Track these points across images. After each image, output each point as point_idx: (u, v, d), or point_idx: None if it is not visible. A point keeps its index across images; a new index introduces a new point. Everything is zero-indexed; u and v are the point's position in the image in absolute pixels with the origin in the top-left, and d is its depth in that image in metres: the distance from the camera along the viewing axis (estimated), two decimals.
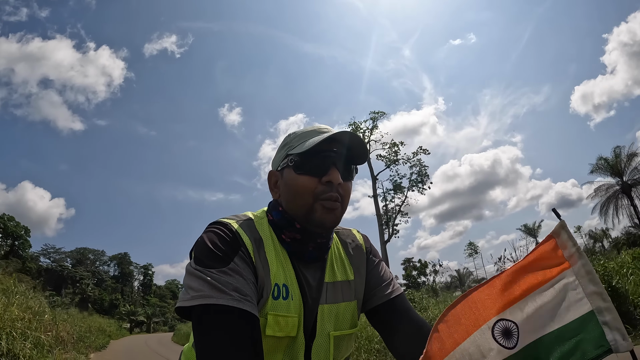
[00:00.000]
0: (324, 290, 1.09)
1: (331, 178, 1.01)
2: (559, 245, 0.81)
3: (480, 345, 0.84)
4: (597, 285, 0.77)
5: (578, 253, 0.79)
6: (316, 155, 1.03)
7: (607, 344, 0.74)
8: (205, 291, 0.88)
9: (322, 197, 1.02)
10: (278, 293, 0.99)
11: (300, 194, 1.03)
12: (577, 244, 0.79)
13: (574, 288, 0.78)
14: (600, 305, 0.75)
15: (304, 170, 1.03)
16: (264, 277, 0.98)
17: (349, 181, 1.09)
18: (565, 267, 0.79)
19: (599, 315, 0.75)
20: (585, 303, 0.76)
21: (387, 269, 1.24)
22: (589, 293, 0.76)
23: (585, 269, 0.77)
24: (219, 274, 0.90)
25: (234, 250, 0.95)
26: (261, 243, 1.01)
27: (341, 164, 1.05)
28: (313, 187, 1.02)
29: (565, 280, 0.79)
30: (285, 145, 1.10)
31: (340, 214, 1.06)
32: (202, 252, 0.95)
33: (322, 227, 1.03)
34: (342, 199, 1.05)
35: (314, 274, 1.09)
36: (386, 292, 1.17)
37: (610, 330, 0.74)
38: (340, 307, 1.11)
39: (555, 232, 0.82)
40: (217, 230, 0.98)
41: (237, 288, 0.89)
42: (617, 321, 0.74)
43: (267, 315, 0.97)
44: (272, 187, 1.12)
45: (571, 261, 0.79)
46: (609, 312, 0.75)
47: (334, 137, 1.03)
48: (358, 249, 1.22)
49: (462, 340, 0.84)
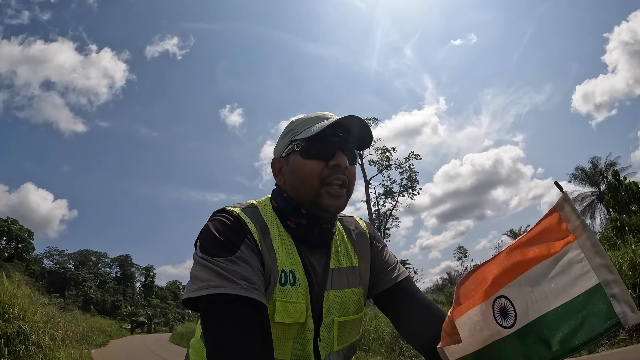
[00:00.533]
0: (329, 276, 1.08)
1: (338, 162, 1.02)
2: (562, 218, 0.78)
3: (482, 319, 0.84)
4: (604, 257, 0.74)
5: (582, 225, 0.76)
6: (322, 140, 1.02)
7: (615, 317, 0.71)
8: (213, 281, 0.87)
9: (329, 181, 1.01)
10: (285, 279, 0.98)
11: (307, 178, 1.02)
12: (582, 217, 0.77)
13: (579, 261, 0.75)
14: (607, 278, 0.72)
15: (311, 154, 1.03)
16: (271, 264, 0.97)
17: (354, 165, 1.08)
18: (570, 240, 0.77)
19: (606, 288, 0.72)
20: (591, 276, 0.73)
21: (391, 254, 1.24)
22: (595, 266, 0.74)
23: (591, 241, 0.75)
24: (226, 262, 0.89)
25: (240, 238, 0.94)
26: (266, 230, 1.01)
27: (347, 148, 1.05)
28: (320, 170, 1.02)
29: (570, 254, 0.76)
30: (289, 132, 1.10)
31: (345, 200, 1.05)
32: (208, 240, 0.94)
33: (328, 211, 1.03)
34: (349, 183, 1.05)
35: (320, 260, 1.08)
36: (392, 276, 1.17)
37: (619, 302, 0.71)
38: (346, 293, 1.10)
39: (559, 205, 0.79)
40: (222, 219, 0.97)
41: (244, 277, 0.88)
42: (625, 293, 0.71)
43: (276, 302, 0.96)
44: (277, 173, 1.11)
45: (576, 234, 0.76)
46: (616, 284, 0.72)
47: (340, 122, 1.03)
48: (361, 235, 1.21)
49: (469, 309, 0.85)
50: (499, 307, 0.81)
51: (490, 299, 0.83)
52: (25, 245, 54.52)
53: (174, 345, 19.76)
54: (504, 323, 0.81)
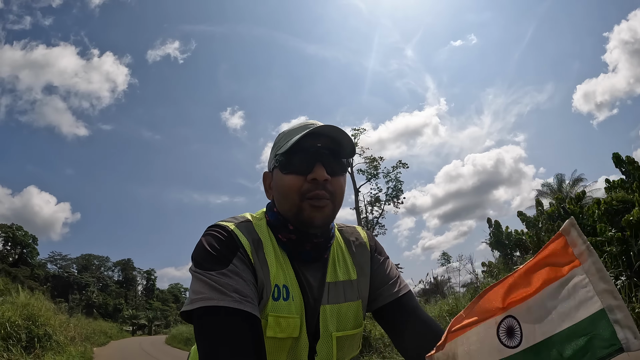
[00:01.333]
0: (325, 291, 1.05)
1: (316, 175, 0.98)
2: (568, 242, 0.77)
3: (482, 338, 0.83)
4: (608, 283, 0.73)
5: (588, 250, 0.75)
6: (300, 153, 0.99)
7: (618, 343, 0.70)
8: (206, 293, 0.86)
9: (309, 196, 0.98)
10: (278, 294, 0.97)
11: (287, 194, 1.00)
12: (587, 242, 0.76)
13: (584, 286, 0.74)
14: (611, 303, 0.72)
15: (289, 169, 1.00)
16: (264, 279, 0.95)
17: (339, 176, 1.03)
18: (576, 265, 0.76)
19: (610, 314, 0.71)
20: (595, 301, 0.73)
21: (393, 267, 1.20)
22: (599, 291, 0.73)
23: (596, 266, 0.74)
24: (218, 275, 0.88)
25: (232, 252, 0.93)
26: (260, 244, 0.99)
27: (328, 158, 1.00)
28: (299, 185, 0.99)
29: (576, 278, 0.76)
30: (275, 146, 1.07)
31: (331, 211, 1.01)
32: (201, 255, 0.93)
33: (312, 226, 1.00)
34: (333, 195, 1.01)
35: (315, 274, 1.06)
36: (392, 290, 1.13)
37: (622, 328, 0.70)
38: (342, 307, 1.07)
39: (565, 230, 0.78)
40: (215, 233, 0.96)
41: (237, 289, 0.87)
42: (628, 319, 0.70)
43: (268, 317, 0.95)
44: (267, 188, 1.10)
45: (581, 259, 0.75)
46: (620, 310, 0.71)
47: (317, 131, 0.99)
48: (362, 247, 1.17)
49: (468, 329, 0.85)
50: (507, 327, 0.81)
51: (497, 318, 0.83)
52: (30, 251, 55.88)
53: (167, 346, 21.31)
54: (509, 343, 0.80)
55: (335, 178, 1.01)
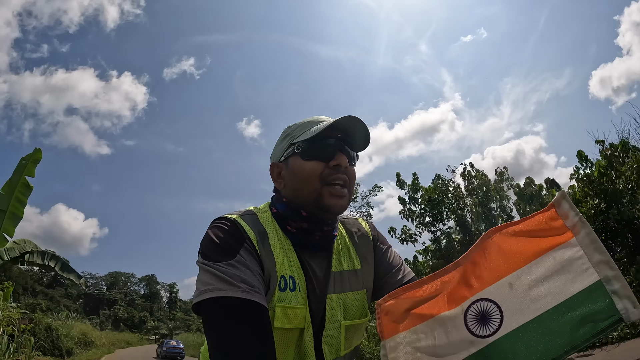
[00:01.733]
0: (331, 280, 1.06)
1: (339, 161, 1.02)
2: (559, 214, 0.76)
3: (448, 331, 0.75)
4: (603, 253, 0.71)
5: (581, 222, 0.73)
6: (322, 141, 1.02)
7: (617, 313, 0.68)
8: (214, 284, 0.87)
9: (329, 181, 1.01)
10: (285, 285, 0.97)
11: (309, 179, 1.01)
12: (580, 213, 0.74)
13: (578, 258, 0.72)
14: (608, 274, 0.70)
15: (311, 155, 1.03)
16: (270, 269, 0.96)
17: (353, 166, 1.08)
18: (568, 237, 0.74)
19: (607, 285, 0.70)
20: (592, 273, 0.71)
21: (396, 254, 1.20)
22: (595, 262, 0.71)
23: (590, 237, 0.72)
24: (226, 266, 0.89)
25: (239, 242, 0.94)
26: (265, 235, 1.00)
27: (346, 149, 1.04)
28: (320, 171, 1.01)
29: (569, 251, 0.73)
30: (287, 136, 1.09)
31: (347, 200, 1.04)
32: (207, 246, 0.94)
33: (331, 212, 1.02)
34: (350, 183, 1.04)
35: (321, 264, 1.07)
36: (397, 277, 1.14)
37: (620, 298, 0.69)
38: (348, 296, 1.08)
39: (556, 201, 0.76)
40: (221, 225, 0.97)
41: (244, 280, 0.87)
42: (626, 289, 0.69)
43: (275, 308, 0.95)
44: (276, 178, 1.10)
45: (574, 230, 0.74)
46: (617, 280, 0.70)
47: (338, 123, 1.02)
48: (364, 237, 1.18)
49: (429, 317, 0.76)
50: (477, 313, 0.74)
51: (464, 304, 0.76)
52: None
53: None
54: (482, 331, 0.73)
55: (351, 167, 1.07)
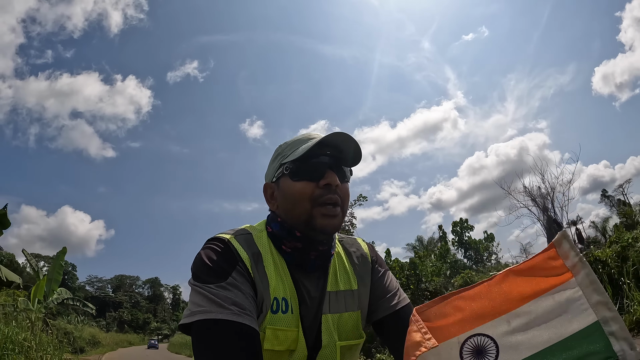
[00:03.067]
0: (326, 300, 1.02)
1: (329, 181, 0.97)
2: (559, 254, 0.74)
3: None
4: (602, 294, 0.70)
5: (581, 262, 0.72)
6: (311, 160, 0.98)
7: (614, 355, 0.67)
8: (205, 306, 0.84)
9: (321, 201, 0.96)
10: (277, 307, 0.94)
11: (299, 200, 0.98)
12: (580, 254, 0.73)
13: (577, 299, 0.71)
14: (606, 315, 0.69)
15: (300, 176, 0.98)
16: (263, 292, 0.93)
17: (345, 183, 1.03)
18: (568, 277, 0.73)
19: (605, 326, 0.69)
20: (590, 314, 0.70)
21: (393, 279, 1.16)
22: (593, 303, 0.70)
23: (589, 278, 0.71)
24: (217, 288, 0.86)
25: (232, 264, 0.91)
26: (259, 257, 0.96)
27: (337, 166, 1.00)
28: (310, 191, 0.97)
29: (568, 291, 0.72)
30: (278, 156, 1.05)
31: (340, 219, 1.00)
32: (199, 268, 0.91)
33: (323, 232, 0.97)
34: (342, 202, 1.00)
35: (316, 283, 1.03)
36: (392, 303, 1.10)
37: (617, 340, 0.68)
38: (343, 317, 1.04)
39: (557, 241, 0.75)
40: (214, 247, 0.94)
41: (236, 302, 0.85)
42: (624, 331, 0.68)
43: (266, 330, 0.92)
44: (269, 199, 1.07)
45: (574, 271, 0.73)
46: (615, 321, 0.69)
47: (327, 140, 0.98)
48: (363, 258, 1.14)
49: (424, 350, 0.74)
50: (474, 347, 0.73)
51: (460, 337, 0.75)
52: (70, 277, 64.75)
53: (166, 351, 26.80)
54: None
55: (343, 185, 1.02)
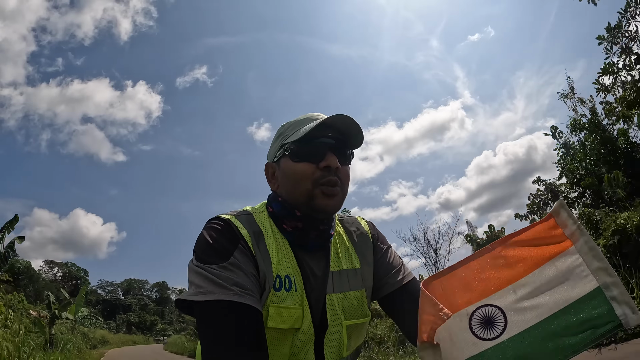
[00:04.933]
0: (329, 279, 0.99)
1: (329, 163, 0.94)
2: (558, 223, 0.74)
3: (453, 334, 0.74)
4: (602, 260, 0.70)
5: (579, 230, 0.72)
6: (312, 142, 0.95)
7: (617, 319, 0.67)
8: (207, 287, 0.81)
9: (321, 182, 0.94)
10: (280, 284, 0.92)
11: (299, 181, 0.95)
12: (578, 222, 0.72)
13: (577, 266, 0.71)
14: (607, 281, 0.69)
15: (301, 157, 0.96)
16: (265, 270, 0.90)
17: (346, 165, 1.00)
18: (567, 245, 0.73)
19: (606, 291, 0.69)
20: (590, 280, 0.70)
21: (396, 255, 1.13)
22: (594, 269, 0.70)
23: (588, 245, 0.71)
24: (219, 269, 0.83)
25: (233, 244, 0.88)
26: (261, 236, 0.93)
27: (338, 148, 0.97)
28: (311, 173, 0.94)
29: (568, 259, 0.72)
30: (280, 136, 1.02)
31: (340, 199, 0.97)
32: (201, 248, 0.88)
33: (324, 212, 0.95)
34: (342, 183, 0.97)
35: (319, 263, 1.00)
36: (397, 278, 1.07)
37: (619, 304, 0.68)
38: (347, 295, 1.01)
39: (555, 211, 0.74)
40: (215, 226, 0.91)
41: (237, 282, 0.82)
42: (625, 295, 0.68)
43: (269, 307, 0.89)
44: (270, 178, 1.04)
45: (573, 239, 0.73)
46: (616, 286, 0.69)
47: (328, 122, 0.95)
48: (363, 236, 1.11)
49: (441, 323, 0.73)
50: (482, 317, 0.74)
51: (468, 309, 0.75)
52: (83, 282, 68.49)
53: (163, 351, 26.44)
54: (486, 334, 0.73)
55: (344, 167, 0.99)
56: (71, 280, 65.12)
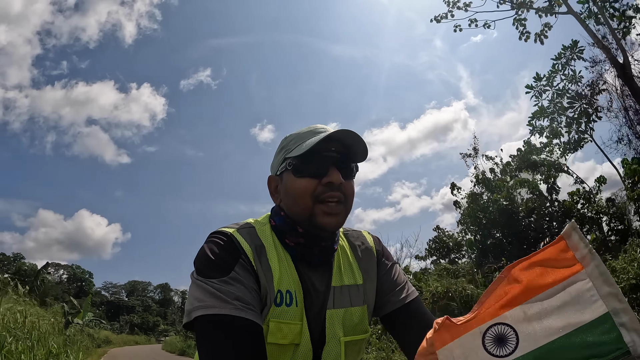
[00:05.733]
0: (331, 295, 0.96)
1: (332, 179, 0.91)
2: (569, 246, 0.72)
3: (467, 351, 0.74)
4: (612, 286, 0.68)
5: (591, 254, 0.70)
6: (314, 157, 0.92)
7: (625, 346, 0.65)
8: (207, 301, 0.79)
9: (323, 199, 0.91)
10: (281, 299, 0.89)
11: (300, 197, 0.92)
12: (589, 245, 0.70)
13: (587, 290, 0.70)
14: (616, 307, 0.67)
15: (303, 172, 0.93)
16: (267, 284, 0.87)
17: (350, 180, 0.97)
18: (578, 269, 0.71)
19: (615, 317, 0.67)
20: (600, 305, 0.68)
21: (401, 272, 1.10)
22: (603, 295, 0.68)
23: (599, 270, 0.69)
24: (220, 283, 0.81)
25: (234, 258, 0.86)
26: (263, 250, 0.91)
27: (341, 163, 0.94)
28: (313, 189, 0.92)
29: (579, 282, 0.70)
30: (282, 149, 0.99)
31: (343, 217, 0.94)
32: (202, 262, 0.86)
33: (325, 230, 0.92)
34: (346, 199, 0.94)
35: (321, 278, 0.97)
36: (400, 296, 1.04)
37: (628, 331, 0.65)
38: (348, 311, 0.98)
39: (566, 233, 0.72)
40: (216, 240, 0.89)
41: (238, 297, 0.80)
42: (634, 322, 0.66)
43: (269, 322, 0.87)
44: (273, 192, 1.02)
45: (584, 262, 0.71)
46: (625, 313, 0.66)
47: (332, 136, 0.92)
48: (368, 251, 1.08)
49: (450, 339, 0.75)
50: (495, 335, 0.74)
51: (481, 327, 0.75)
52: (87, 284, 68.68)
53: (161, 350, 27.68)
54: (498, 352, 0.73)
55: (347, 182, 0.95)
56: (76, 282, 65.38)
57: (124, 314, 62.66)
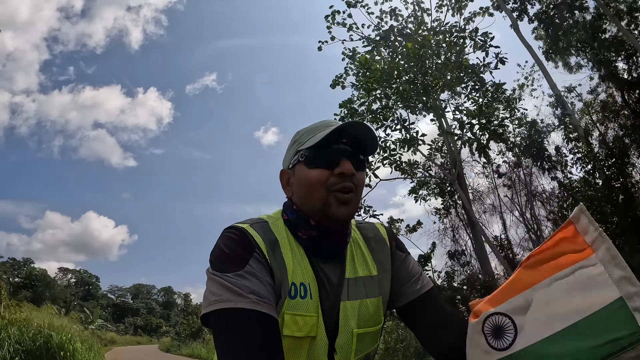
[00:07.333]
0: (345, 287, 0.94)
1: (343, 169, 0.89)
2: (578, 230, 0.69)
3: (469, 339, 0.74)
4: (625, 269, 0.64)
5: (601, 237, 0.66)
6: (327, 148, 0.91)
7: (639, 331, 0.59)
8: (223, 295, 0.77)
9: (335, 188, 0.89)
10: (295, 292, 0.87)
11: (313, 187, 0.90)
12: (599, 228, 0.67)
13: (599, 274, 0.65)
14: (630, 291, 0.63)
15: (315, 163, 0.91)
16: (281, 278, 0.85)
17: (361, 171, 0.95)
18: (588, 253, 0.67)
19: (629, 301, 0.63)
20: (613, 290, 0.64)
21: (415, 263, 1.07)
22: (616, 279, 0.64)
23: (610, 253, 0.65)
24: (235, 277, 0.79)
25: (249, 252, 0.84)
26: (276, 244, 0.89)
27: (352, 155, 0.93)
28: (325, 179, 0.90)
29: (589, 267, 0.66)
30: (295, 142, 0.98)
31: (354, 206, 0.92)
32: (217, 257, 0.84)
33: (338, 220, 0.90)
34: (357, 189, 0.92)
35: (334, 270, 0.95)
36: (416, 287, 1.01)
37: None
38: (363, 303, 0.96)
39: (575, 217, 0.69)
40: (231, 235, 0.87)
41: (254, 291, 0.78)
42: None
43: (284, 315, 0.84)
44: (285, 185, 0.99)
45: (594, 246, 0.67)
46: (639, 297, 0.62)
47: (343, 128, 0.91)
48: (381, 243, 1.05)
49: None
50: (492, 326, 0.71)
51: (481, 317, 0.73)
52: (94, 287, 71.32)
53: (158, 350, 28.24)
54: (496, 344, 0.70)
55: (359, 173, 0.94)
56: (83, 286, 68.33)
57: (129, 316, 65.33)
